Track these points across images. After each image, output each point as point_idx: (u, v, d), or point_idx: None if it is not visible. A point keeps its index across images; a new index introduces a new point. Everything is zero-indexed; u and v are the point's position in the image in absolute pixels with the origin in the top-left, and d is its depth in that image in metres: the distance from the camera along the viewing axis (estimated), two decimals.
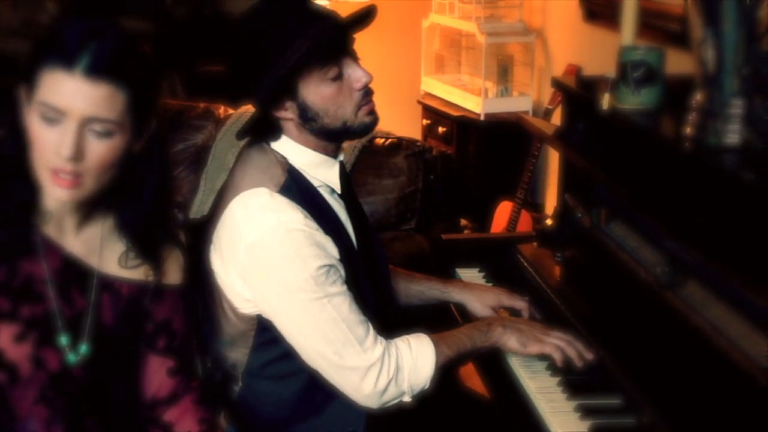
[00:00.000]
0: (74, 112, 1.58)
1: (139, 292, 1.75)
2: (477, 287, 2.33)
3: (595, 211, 2.25)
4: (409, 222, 3.27)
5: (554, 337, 2.00)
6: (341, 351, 1.88)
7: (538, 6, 4.18)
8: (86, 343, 1.69)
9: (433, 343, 1.96)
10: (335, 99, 1.91)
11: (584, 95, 2.32)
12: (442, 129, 4.31)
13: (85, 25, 1.61)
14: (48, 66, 1.57)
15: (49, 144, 1.59)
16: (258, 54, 1.88)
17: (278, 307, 1.90)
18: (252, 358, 1.98)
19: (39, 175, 1.62)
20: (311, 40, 1.84)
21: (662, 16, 2.88)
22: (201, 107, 3.55)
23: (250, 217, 1.87)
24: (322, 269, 1.86)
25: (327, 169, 1.99)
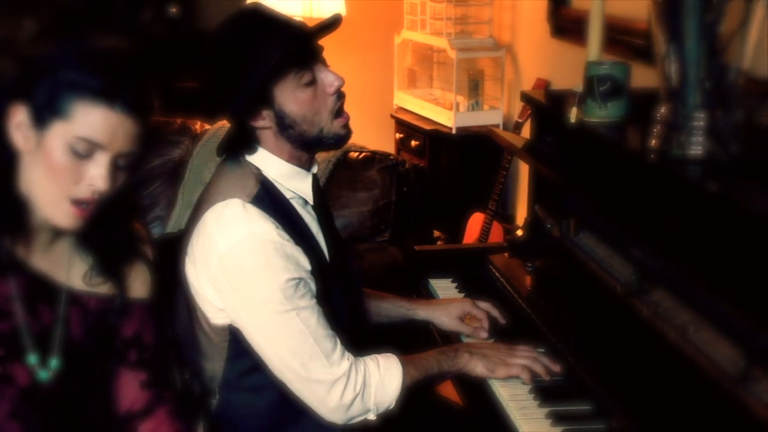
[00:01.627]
0: (113, 147, 1.58)
1: (107, 306, 1.73)
2: (441, 302, 2.33)
3: (564, 221, 2.26)
4: (383, 234, 3.27)
5: (520, 357, 2.00)
6: (308, 364, 1.87)
7: (507, 22, 4.20)
8: (56, 357, 1.67)
9: (401, 364, 1.96)
10: (311, 104, 1.91)
11: (552, 109, 2.33)
12: (414, 142, 4.32)
13: (120, 59, 1.61)
14: (83, 99, 1.55)
15: (76, 175, 1.57)
16: (232, 66, 1.88)
17: (247, 317, 1.90)
18: (227, 369, 1.97)
19: (47, 201, 1.59)
20: (284, 47, 1.85)
21: (627, 32, 2.90)
22: (178, 123, 3.54)
23: (223, 227, 1.87)
24: (291, 282, 1.86)
25: (300, 181, 1.98)
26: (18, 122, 1.58)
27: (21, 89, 1.58)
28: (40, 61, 1.60)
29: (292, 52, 1.86)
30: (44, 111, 1.57)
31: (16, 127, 1.58)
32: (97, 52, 1.61)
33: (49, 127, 1.56)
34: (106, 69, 1.58)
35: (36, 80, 1.58)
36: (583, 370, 1.92)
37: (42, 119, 1.57)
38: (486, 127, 3.84)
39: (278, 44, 1.85)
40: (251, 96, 1.87)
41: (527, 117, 3.50)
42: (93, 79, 1.56)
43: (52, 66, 1.58)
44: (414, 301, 2.33)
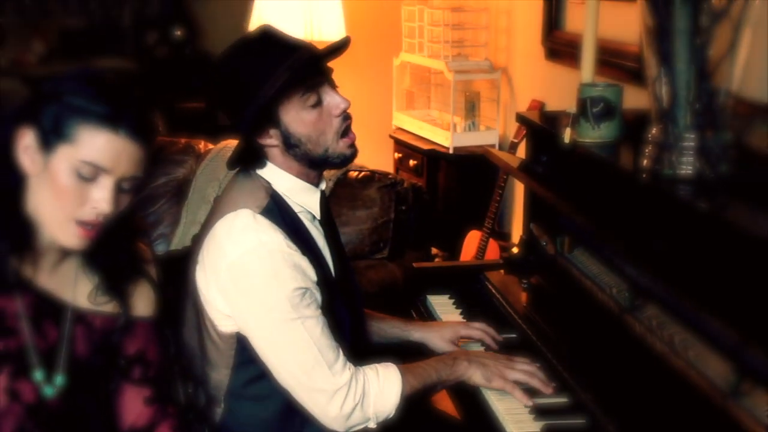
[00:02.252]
0: (116, 171, 1.59)
1: (112, 324, 1.73)
2: (435, 325, 2.33)
3: (559, 239, 2.26)
4: (382, 251, 3.26)
5: (518, 370, 2.00)
6: (311, 372, 1.88)
7: (502, 45, 4.21)
8: (61, 374, 1.67)
9: (400, 373, 1.96)
10: (316, 125, 1.92)
11: (547, 129, 2.33)
12: (413, 162, 4.32)
13: (123, 84, 1.62)
14: (88, 124, 1.56)
15: (81, 198, 1.58)
16: (240, 85, 1.89)
17: (254, 324, 1.90)
18: (233, 378, 1.97)
19: (53, 223, 1.60)
20: (290, 68, 1.86)
21: (619, 55, 2.91)
22: (182, 142, 3.54)
23: (233, 236, 1.88)
24: (297, 291, 1.86)
25: (309, 196, 1.99)
26: (25, 145, 1.59)
27: (28, 113, 1.59)
28: (47, 85, 1.61)
29: (299, 74, 1.87)
30: (50, 135, 1.57)
31: (23, 150, 1.59)
32: (102, 77, 1.62)
33: (55, 151, 1.57)
34: (111, 95, 1.59)
35: (43, 104, 1.59)
36: (577, 385, 1.91)
37: (48, 143, 1.57)
38: (482, 147, 3.84)
39: (285, 66, 1.86)
40: (258, 115, 1.88)
41: (522, 137, 3.51)
42: (97, 104, 1.57)
43: (58, 91, 1.59)
44: (409, 323, 2.32)
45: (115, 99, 1.59)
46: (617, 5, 2.90)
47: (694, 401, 1.61)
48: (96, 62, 5.43)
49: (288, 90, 1.88)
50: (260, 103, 1.86)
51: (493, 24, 4.25)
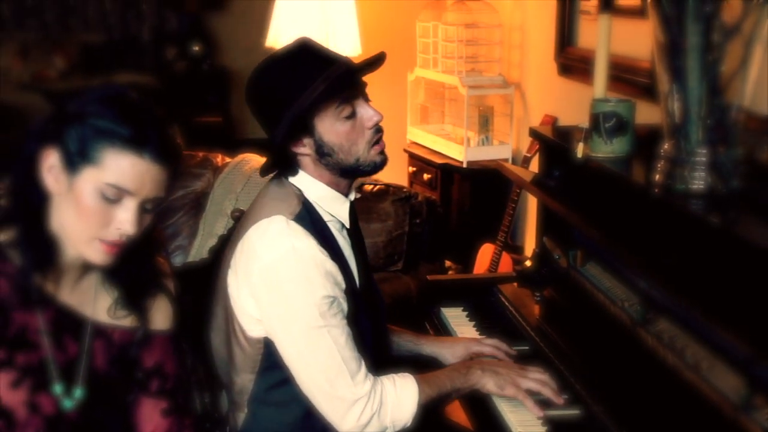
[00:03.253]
0: (141, 193, 1.59)
1: (130, 338, 1.74)
2: (448, 340, 2.32)
3: (572, 252, 2.26)
4: (396, 264, 3.26)
5: (530, 379, 1.99)
6: (333, 380, 1.88)
7: (516, 61, 4.22)
8: (80, 387, 1.68)
9: (416, 382, 1.96)
10: (349, 136, 1.94)
11: (560, 144, 2.33)
12: (427, 176, 4.32)
13: (147, 105, 1.63)
14: (113, 147, 1.57)
15: (105, 219, 1.59)
16: (278, 95, 1.91)
17: (281, 329, 1.91)
18: (257, 383, 1.98)
19: (78, 241, 1.60)
20: (327, 80, 1.88)
21: (632, 71, 2.91)
22: (200, 156, 3.55)
23: (267, 241, 1.89)
24: (326, 299, 1.87)
25: (339, 205, 2.01)
26: (50, 165, 1.60)
27: (53, 133, 1.60)
28: (71, 105, 1.61)
29: (335, 86, 1.89)
30: (75, 157, 1.58)
31: (47, 170, 1.60)
32: (125, 99, 1.63)
33: (80, 173, 1.58)
34: (135, 117, 1.60)
35: (67, 125, 1.59)
36: (589, 398, 1.91)
37: (73, 164, 1.58)
38: (495, 162, 3.84)
39: (322, 77, 1.88)
40: (293, 124, 1.90)
41: (535, 152, 3.51)
42: (122, 127, 1.58)
43: (83, 112, 1.59)
44: (422, 337, 2.31)
45: (139, 121, 1.60)
46: (629, 22, 2.90)
47: (705, 414, 1.61)
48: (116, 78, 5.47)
49: (324, 101, 1.90)
50: (296, 112, 1.88)
51: (507, 40, 4.25)
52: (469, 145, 4.13)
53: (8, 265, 1.61)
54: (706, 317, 1.63)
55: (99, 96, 1.63)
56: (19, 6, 6.03)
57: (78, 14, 6.17)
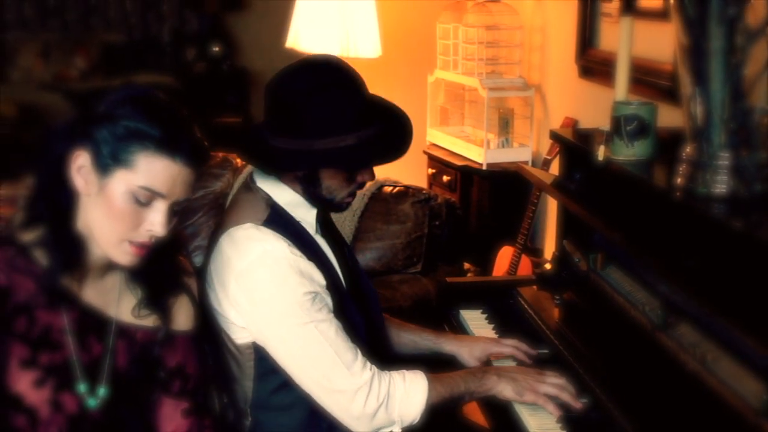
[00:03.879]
0: (172, 196, 1.61)
1: (153, 338, 1.75)
2: (468, 339, 2.32)
3: (592, 256, 2.25)
4: (415, 265, 3.26)
5: (549, 384, 1.99)
6: (329, 374, 1.88)
7: (536, 63, 4.21)
8: (104, 386, 1.69)
9: (427, 380, 1.96)
10: (341, 184, 1.97)
11: (581, 147, 2.33)
12: (446, 177, 4.32)
13: (175, 106, 1.64)
14: (146, 150, 1.58)
15: (136, 221, 1.61)
16: (303, 123, 1.90)
17: (268, 332, 1.91)
18: (256, 389, 1.98)
19: (106, 242, 1.62)
20: (359, 140, 1.91)
21: (653, 73, 2.90)
22: (219, 156, 3.56)
23: (238, 248, 1.90)
24: (307, 296, 1.88)
25: (305, 212, 2.00)
26: (79, 165, 1.61)
27: (82, 133, 1.61)
28: (99, 106, 1.62)
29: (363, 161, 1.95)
30: (107, 158, 1.59)
31: (77, 170, 1.61)
32: (155, 100, 1.64)
33: (112, 175, 1.59)
34: (166, 119, 1.61)
35: (97, 126, 1.60)
36: (609, 401, 1.90)
37: (105, 166, 1.59)
38: (515, 164, 3.82)
39: (355, 135, 1.90)
40: (302, 159, 1.92)
41: (555, 154, 3.50)
42: (155, 129, 1.59)
43: (114, 114, 1.60)
44: (441, 335, 2.31)
45: (170, 123, 1.61)
46: (651, 24, 2.89)
47: (726, 420, 1.60)
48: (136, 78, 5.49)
49: (364, 165, 1.96)
50: (314, 155, 1.90)
51: (527, 42, 4.25)
52: (489, 147, 4.13)
53: (33, 265, 1.63)
54: (728, 322, 1.62)
55: (128, 97, 1.63)
56: (41, 6, 6.08)
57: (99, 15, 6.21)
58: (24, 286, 1.61)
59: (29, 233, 1.64)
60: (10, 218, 1.68)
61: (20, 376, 1.61)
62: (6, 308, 1.59)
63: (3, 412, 1.60)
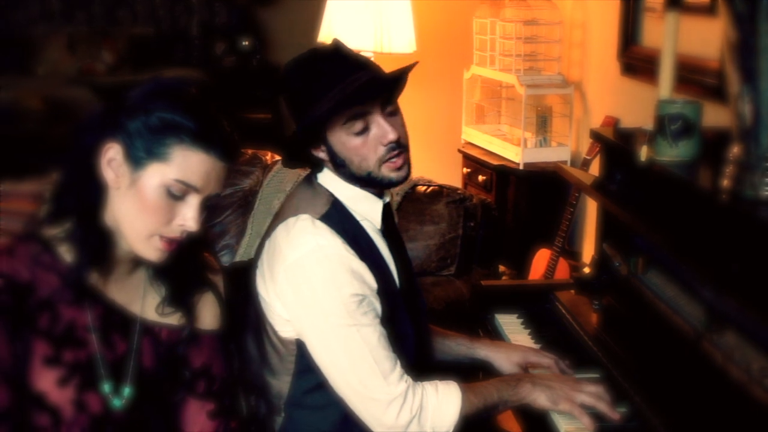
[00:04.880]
0: (205, 190, 1.63)
1: (177, 337, 1.76)
2: (504, 345, 2.31)
3: (633, 259, 2.24)
4: (449, 268, 3.26)
5: (585, 393, 1.97)
6: (366, 381, 1.89)
7: (576, 59, 4.20)
8: (129, 386, 1.70)
9: (461, 391, 1.95)
10: (358, 151, 1.94)
11: (622, 146, 2.32)
12: (482, 177, 4.32)
13: (208, 100, 1.66)
14: (182, 143, 1.60)
15: (168, 215, 1.62)
16: (297, 100, 1.95)
17: (309, 329, 1.92)
18: (293, 386, 1.99)
19: (136, 237, 1.63)
20: (340, 94, 1.88)
21: (699, 71, 2.88)
22: (249, 153, 3.58)
23: (291, 240, 1.91)
24: (354, 297, 1.88)
25: (370, 205, 2.01)
26: (110, 158, 1.62)
27: (112, 125, 1.62)
28: (130, 99, 1.64)
29: (346, 102, 1.88)
30: (141, 151, 1.60)
31: (107, 163, 1.62)
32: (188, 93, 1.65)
33: (145, 167, 1.60)
34: (201, 113, 1.62)
35: (128, 118, 1.61)
36: (649, 412, 1.89)
37: (138, 159, 1.60)
38: (554, 164, 3.83)
39: (336, 90, 1.88)
40: (305, 132, 1.92)
41: (595, 154, 3.49)
42: (190, 122, 1.60)
43: (146, 106, 1.62)
44: (476, 340, 2.31)
45: (205, 116, 1.62)
46: (698, 19, 2.87)
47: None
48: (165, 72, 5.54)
49: (332, 115, 1.90)
50: (306, 123, 1.91)
51: (567, 38, 4.24)
52: (526, 147, 4.12)
53: (58, 262, 1.64)
54: None
55: (160, 89, 1.65)
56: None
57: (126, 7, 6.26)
58: (48, 282, 1.63)
59: (54, 228, 1.66)
60: (34, 213, 1.70)
61: (43, 374, 1.63)
62: (29, 304, 1.61)
63: (26, 410, 1.61)
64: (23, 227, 1.69)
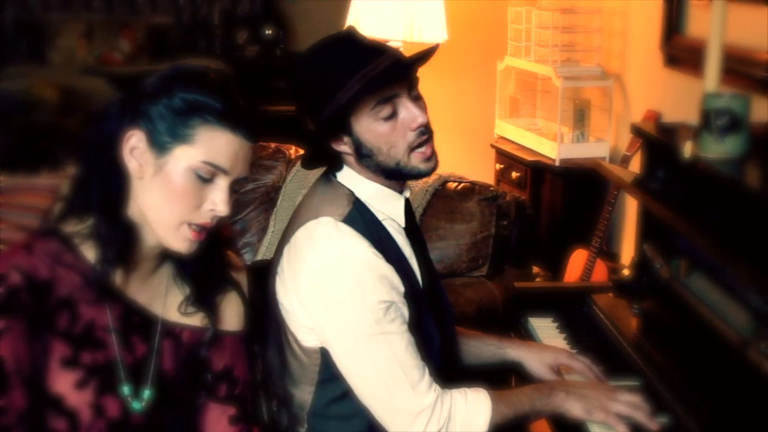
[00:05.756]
0: (234, 172, 1.64)
1: (199, 338, 1.77)
2: (535, 345, 2.30)
3: (675, 262, 2.23)
4: (480, 268, 3.25)
5: (621, 402, 1.96)
6: (392, 391, 1.88)
7: (616, 50, 4.17)
8: (149, 388, 1.71)
9: (490, 399, 1.94)
10: (387, 138, 1.93)
11: (665, 142, 2.31)
12: (515, 174, 4.31)
13: (228, 82, 1.68)
14: (207, 123, 1.61)
15: (197, 201, 1.63)
16: (316, 90, 1.93)
17: (334, 338, 1.91)
18: (317, 396, 1.99)
19: (165, 227, 1.64)
20: (363, 78, 1.87)
21: (747, 62, 2.85)
22: (272, 147, 3.59)
23: (314, 245, 1.90)
24: (382, 305, 1.87)
25: (392, 203, 2.01)
26: (132, 146, 1.62)
27: (133, 112, 1.63)
28: (150, 84, 1.64)
29: (371, 85, 1.88)
30: (165, 135, 1.61)
31: (129, 152, 1.63)
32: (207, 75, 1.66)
33: (171, 152, 1.61)
34: (224, 92, 1.63)
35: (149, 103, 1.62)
36: (691, 423, 1.88)
37: (162, 144, 1.61)
38: (591, 160, 3.82)
39: (359, 76, 1.87)
40: (328, 122, 1.91)
41: (636, 150, 3.47)
42: (215, 101, 1.61)
43: (168, 89, 1.62)
44: (505, 340, 2.30)
45: (228, 96, 1.63)
46: (746, 7, 2.85)
47: None
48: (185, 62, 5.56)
49: (358, 100, 1.89)
50: (331, 111, 1.89)
51: (607, 27, 4.21)
52: (563, 142, 4.10)
53: (79, 259, 1.65)
54: None
55: (179, 72, 1.66)
56: None
57: None
58: (69, 281, 1.64)
59: (74, 224, 1.67)
60: (51, 209, 1.71)
61: (61, 376, 1.64)
62: (48, 303, 1.62)
63: (42, 413, 1.62)
64: (40, 223, 1.70)
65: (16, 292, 1.58)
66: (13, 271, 1.60)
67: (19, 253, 1.63)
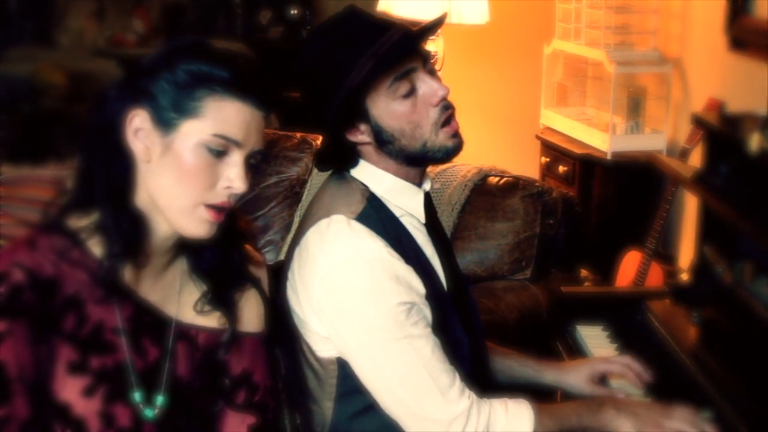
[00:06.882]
0: (247, 144, 1.65)
1: (216, 341, 1.77)
2: (568, 364, 2.29)
3: (739, 265, 2.22)
4: (524, 271, 3.25)
5: (676, 419, 1.95)
6: (421, 399, 1.88)
7: (675, 33, 4.15)
8: (162, 395, 1.72)
9: (533, 411, 1.94)
10: (410, 117, 1.92)
11: (729, 134, 2.30)
12: (563, 168, 4.30)
13: (236, 52, 1.68)
14: (214, 93, 1.62)
15: (212, 178, 1.63)
16: (323, 76, 1.91)
17: (353, 346, 1.91)
18: (337, 411, 1.99)
19: (179, 211, 1.64)
20: (375, 55, 1.86)
21: None
22: (297, 137, 3.60)
23: (326, 246, 1.90)
24: (402, 306, 1.87)
25: (410, 197, 2.01)
26: (136, 128, 1.63)
27: (135, 91, 1.64)
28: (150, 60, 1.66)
29: (385, 61, 1.87)
30: (170, 111, 1.62)
31: (134, 134, 1.63)
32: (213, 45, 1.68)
33: (178, 128, 1.62)
34: (230, 60, 1.64)
35: (152, 80, 1.63)
36: None
37: (168, 121, 1.62)
38: (647, 153, 3.80)
39: (370, 53, 1.87)
40: (342, 109, 1.90)
41: (696, 142, 3.45)
42: (220, 70, 1.62)
43: (170, 62, 1.63)
44: (542, 363, 2.28)
45: (234, 64, 1.64)
46: None
47: None
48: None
49: (374, 79, 1.88)
50: (344, 95, 1.87)
51: (665, 7, 4.20)
52: (615, 133, 4.09)
53: (86, 256, 1.66)
54: None
55: (179, 45, 1.67)
56: None
57: None
58: (75, 279, 1.64)
59: (80, 218, 1.67)
60: (52, 201, 1.72)
61: (68, 382, 1.64)
62: (54, 303, 1.63)
63: (47, 423, 1.63)
64: (42, 217, 1.71)
65: (18, 291, 1.59)
66: (15, 268, 1.60)
67: (22, 250, 1.64)
